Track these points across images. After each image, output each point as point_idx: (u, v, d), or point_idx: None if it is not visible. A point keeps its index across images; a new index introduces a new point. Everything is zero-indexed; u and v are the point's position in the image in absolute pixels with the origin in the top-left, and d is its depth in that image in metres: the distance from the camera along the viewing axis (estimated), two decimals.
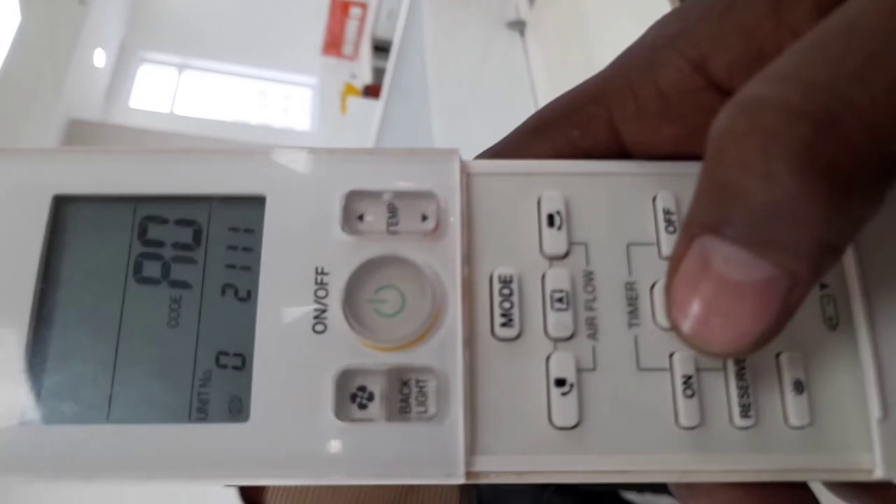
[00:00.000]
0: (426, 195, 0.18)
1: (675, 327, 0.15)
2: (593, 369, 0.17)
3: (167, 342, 0.17)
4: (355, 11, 3.30)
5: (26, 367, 0.16)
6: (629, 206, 0.18)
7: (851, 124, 0.12)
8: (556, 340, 0.17)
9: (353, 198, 0.17)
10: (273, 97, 3.92)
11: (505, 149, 0.19)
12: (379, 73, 2.60)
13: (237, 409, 0.16)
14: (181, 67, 3.89)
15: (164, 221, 0.17)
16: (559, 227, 0.18)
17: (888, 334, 0.17)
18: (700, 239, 0.14)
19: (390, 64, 1.49)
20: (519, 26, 1.31)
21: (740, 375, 0.16)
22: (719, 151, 0.13)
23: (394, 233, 0.17)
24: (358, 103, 2.54)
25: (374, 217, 0.17)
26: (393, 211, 0.18)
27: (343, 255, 0.17)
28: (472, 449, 0.16)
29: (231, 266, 0.17)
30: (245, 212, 0.17)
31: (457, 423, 0.16)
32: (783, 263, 0.13)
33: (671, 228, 0.18)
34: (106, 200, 0.18)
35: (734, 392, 0.16)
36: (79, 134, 3.24)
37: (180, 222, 0.17)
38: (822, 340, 0.17)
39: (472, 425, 0.16)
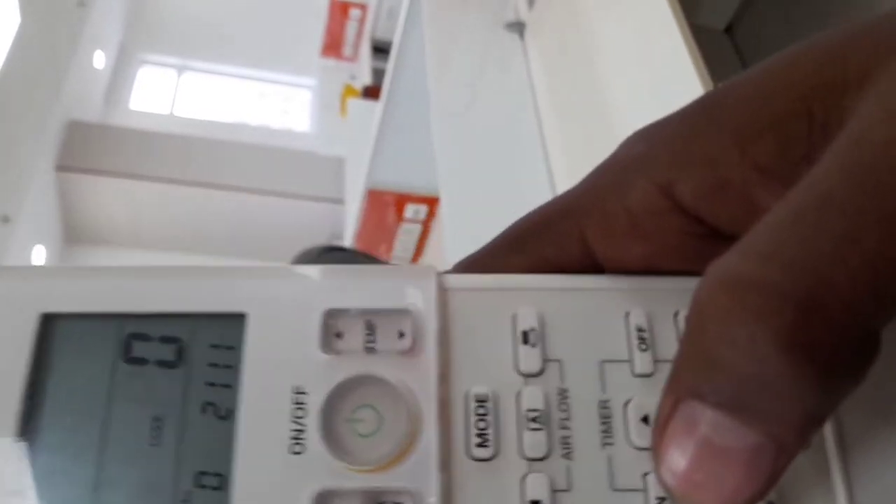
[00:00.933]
0: (403, 312, 0.18)
1: (663, 486, 0.15)
2: (567, 490, 0.17)
3: (148, 462, 0.17)
4: (355, 13, 3.30)
5: (8, 489, 0.17)
6: (602, 322, 0.18)
7: (833, 305, 0.13)
8: (531, 460, 0.17)
9: (330, 316, 0.18)
10: (272, 99, 3.92)
11: (481, 261, 0.19)
12: (378, 75, 2.60)
13: None
14: (181, 69, 3.90)
15: (148, 339, 0.18)
16: (533, 345, 0.18)
17: (857, 454, 0.17)
18: (686, 403, 0.14)
19: (390, 65, 1.49)
20: (518, 28, 1.31)
21: None
22: (703, 321, 0.14)
23: (371, 350, 0.18)
24: (357, 104, 2.54)
25: (352, 335, 0.18)
26: (371, 328, 0.18)
27: (321, 374, 0.17)
28: None
29: (212, 384, 0.17)
30: (226, 329, 0.18)
31: None
32: (770, 433, 0.14)
33: (643, 346, 0.18)
34: (92, 318, 0.18)
35: None
36: (78, 135, 3.24)
37: (164, 339, 0.18)
38: (795, 463, 0.17)
39: None
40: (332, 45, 3.48)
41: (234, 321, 0.18)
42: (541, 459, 0.17)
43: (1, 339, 0.17)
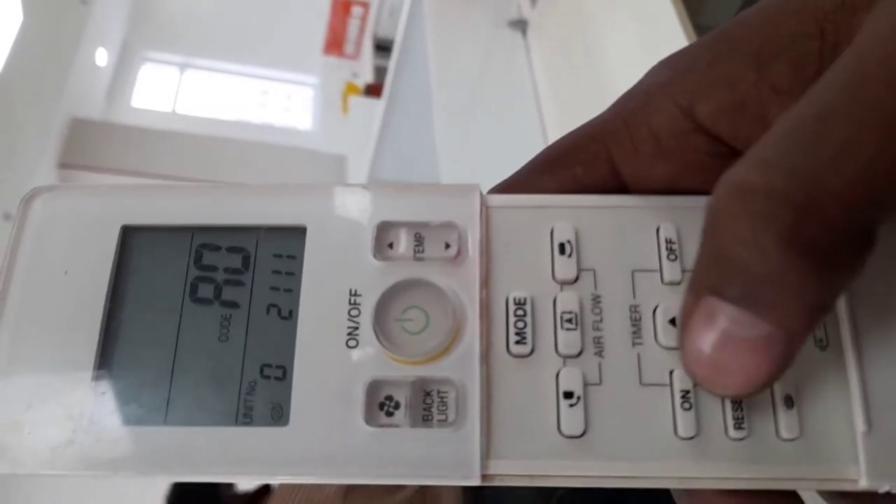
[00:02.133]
0: (449, 225, 0.19)
1: (690, 374, 0.17)
2: (599, 384, 0.18)
3: (218, 355, 0.19)
4: (357, 10, 3.30)
5: (95, 376, 0.18)
6: (634, 236, 0.20)
7: (828, 206, 0.14)
8: (566, 357, 0.19)
9: (383, 228, 0.19)
10: (275, 96, 3.92)
11: (515, 183, 0.21)
12: (381, 72, 2.60)
13: (278, 415, 0.18)
14: (183, 67, 3.90)
15: (217, 248, 0.20)
16: (570, 255, 0.19)
17: (872, 355, 0.18)
18: (706, 299, 0.16)
19: (392, 63, 1.49)
20: (521, 25, 1.31)
21: None
22: (717, 227, 0.15)
23: (420, 259, 0.19)
24: (360, 102, 2.54)
25: (403, 245, 0.19)
26: (419, 240, 0.19)
27: (374, 278, 0.19)
28: (487, 454, 0.18)
29: (275, 288, 0.19)
30: (288, 240, 0.20)
31: (474, 430, 0.18)
32: (780, 322, 0.15)
33: (672, 257, 0.19)
34: (167, 230, 0.20)
35: (729, 406, 0.18)
36: (80, 133, 3.24)
37: (231, 249, 0.20)
38: (812, 360, 0.18)
39: (487, 432, 0.18)
40: (335, 43, 3.48)
41: (295, 233, 0.20)
42: (574, 356, 0.19)
43: (89, 248, 0.19)
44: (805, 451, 0.18)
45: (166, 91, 3.81)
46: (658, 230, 0.19)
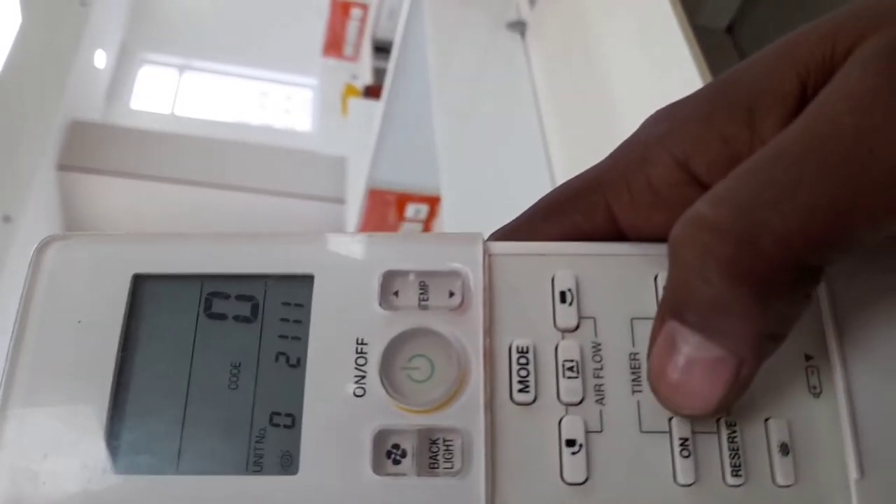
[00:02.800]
0: (453, 274, 0.20)
1: (653, 391, 0.18)
2: (600, 431, 0.19)
3: (228, 403, 0.19)
4: (356, 12, 3.30)
5: (107, 426, 0.19)
6: (632, 283, 0.20)
7: (767, 241, 0.15)
8: (568, 405, 0.19)
9: (388, 277, 0.20)
10: (274, 98, 3.92)
11: (516, 229, 0.21)
12: (380, 74, 2.60)
13: (288, 463, 0.19)
14: (182, 68, 3.90)
15: (227, 297, 0.20)
16: (570, 303, 0.20)
17: (865, 403, 0.19)
18: (668, 322, 0.17)
19: (391, 65, 1.50)
20: (520, 27, 1.31)
21: (732, 438, 0.19)
22: (675, 254, 0.17)
23: (424, 307, 0.20)
24: (359, 104, 2.54)
25: (408, 293, 0.20)
26: (424, 288, 0.20)
27: (380, 327, 0.20)
28: (491, 500, 0.18)
29: (283, 336, 0.20)
30: (296, 289, 0.20)
31: (479, 478, 0.18)
32: (728, 347, 0.17)
33: None
34: (177, 278, 0.20)
35: (726, 453, 0.18)
36: (80, 135, 3.24)
37: (240, 297, 0.20)
38: (806, 407, 0.19)
39: (492, 480, 0.18)
40: (334, 45, 3.48)
41: (303, 281, 0.20)
42: (576, 404, 0.19)
43: (101, 296, 0.20)
44: (800, 497, 0.18)
45: (165, 93, 3.81)
46: (656, 278, 0.20)
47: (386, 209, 1.71)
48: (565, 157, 1.12)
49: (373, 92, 2.55)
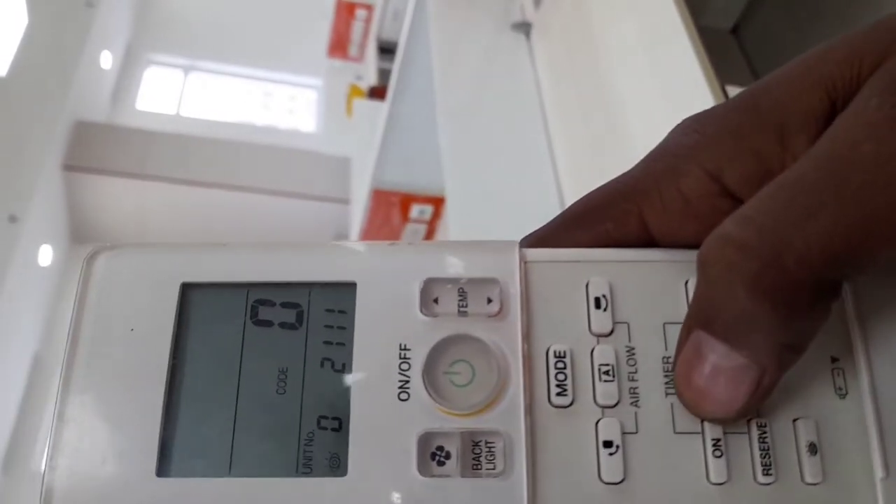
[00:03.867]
0: (491, 281, 0.20)
1: (679, 396, 0.19)
2: (636, 432, 0.19)
3: (277, 407, 0.20)
4: (361, 13, 3.30)
5: (161, 430, 0.19)
6: (665, 289, 0.21)
7: (789, 261, 0.16)
8: (604, 407, 0.20)
9: (429, 284, 0.20)
10: (278, 99, 3.93)
11: (548, 235, 0.22)
12: (384, 75, 2.60)
13: (336, 465, 0.19)
14: (187, 69, 3.90)
15: (272, 304, 0.21)
16: (605, 309, 0.20)
17: (889, 403, 0.19)
18: (695, 332, 0.18)
19: (396, 65, 1.50)
20: (524, 28, 1.31)
21: (762, 438, 0.19)
22: (703, 269, 0.18)
23: (464, 314, 0.20)
24: (363, 105, 2.54)
25: (448, 300, 0.20)
26: (463, 295, 0.20)
27: (422, 333, 0.20)
28: (533, 500, 0.19)
29: (328, 342, 0.20)
30: (339, 296, 0.21)
31: (520, 478, 0.19)
32: (752, 356, 0.18)
33: None
34: (224, 287, 0.21)
35: (757, 452, 0.19)
36: (85, 135, 3.25)
37: (285, 305, 0.21)
38: (833, 408, 0.20)
39: (533, 481, 0.19)
40: (338, 46, 3.49)
41: (346, 289, 0.21)
42: (612, 406, 0.20)
43: (150, 305, 0.20)
44: (828, 495, 0.19)
45: (171, 93, 3.82)
46: (686, 283, 0.21)
47: (390, 210, 1.71)
48: (569, 157, 1.12)
49: (377, 93, 2.55)
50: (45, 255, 3.19)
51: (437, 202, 1.67)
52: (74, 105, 3.22)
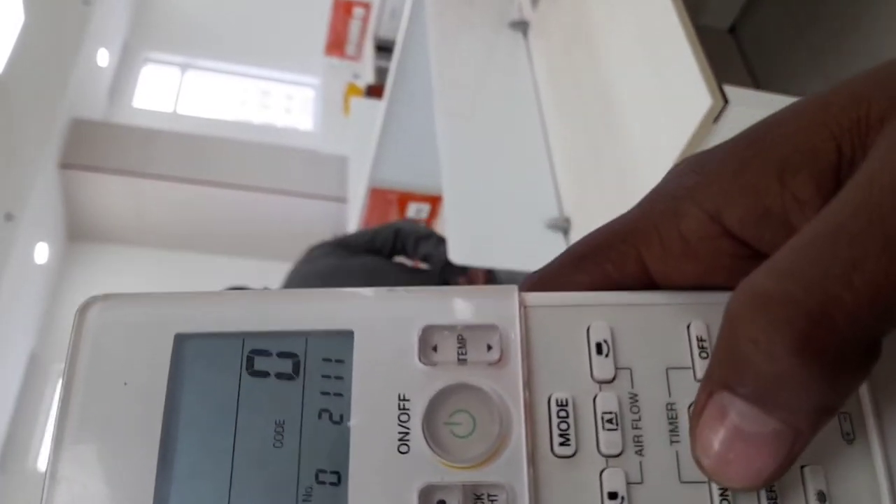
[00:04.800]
0: (490, 327, 0.20)
1: (698, 464, 0.18)
2: (641, 482, 0.19)
3: (274, 462, 0.19)
4: (358, 11, 3.30)
5: (156, 488, 0.19)
6: (666, 333, 0.20)
7: (839, 318, 0.15)
8: (608, 457, 0.19)
9: (427, 331, 0.20)
10: (276, 97, 3.92)
11: (547, 277, 0.22)
12: (382, 73, 2.60)
13: None
14: (184, 67, 3.90)
15: (268, 354, 0.20)
16: (606, 355, 0.20)
17: None
18: (719, 394, 0.17)
19: (393, 64, 1.50)
20: (522, 27, 1.31)
21: (770, 487, 0.19)
22: (734, 328, 0.17)
23: (463, 361, 0.20)
24: (361, 103, 2.54)
25: (446, 348, 0.20)
26: (462, 342, 0.20)
27: (421, 383, 0.20)
28: None
29: (326, 393, 0.20)
30: (336, 345, 0.20)
31: None
32: (787, 421, 0.17)
33: (704, 354, 0.20)
34: (219, 336, 0.20)
35: (765, 502, 0.19)
36: (82, 133, 3.24)
37: (282, 354, 0.20)
38: (840, 454, 0.19)
39: None
40: (336, 44, 3.49)
41: (343, 338, 0.20)
42: (616, 456, 0.19)
43: (144, 356, 0.20)
44: None
45: (168, 91, 3.81)
46: (689, 327, 0.20)
47: (387, 208, 1.71)
48: (566, 155, 1.12)
49: (375, 91, 2.55)
50: (42, 253, 3.19)
51: (435, 201, 1.67)
52: (71, 103, 3.22)
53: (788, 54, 1.17)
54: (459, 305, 0.21)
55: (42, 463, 3.01)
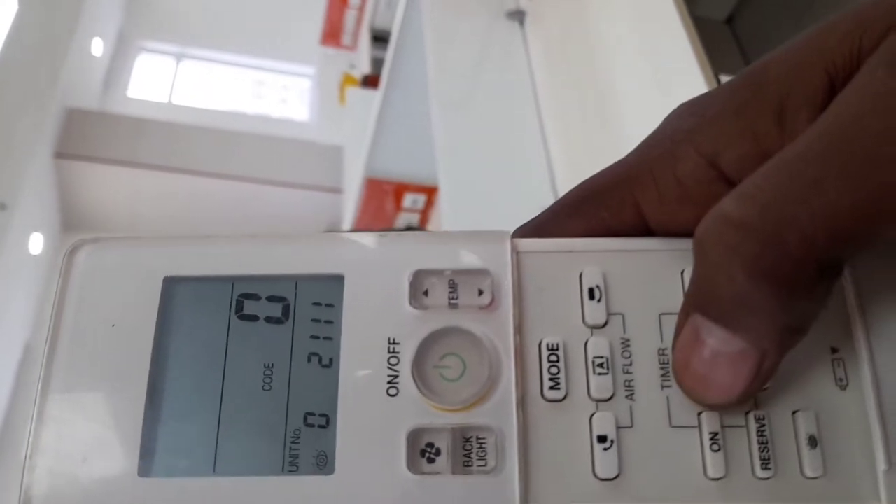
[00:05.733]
0: (482, 272, 0.20)
1: (677, 383, 0.19)
2: (631, 427, 0.19)
3: (262, 404, 0.19)
4: (354, 1, 3.29)
5: (144, 428, 0.19)
6: (660, 279, 0.20)
7: (792, 240, 0.16)
8: (598, 401, 0.19)
9: (418, 276, 0.20)
10: (271, 87, 3.91)
11: (542, 225, 0.21)
12: (378, 64, 2.60)
13: (323, 463, 0.19)
14: (179, 57, 3.88)
15: (258, 298, 0.20)
16: (599, 300, 0.20)
17: (892, 393, 0.19)
18: (693, 316, 0.18)
19: (389, 54, 1.49)
20: (518, 16, 1.31)
21: (761, 432, 0.19)
22: (700, 251, 0.17)
23: (454, 306, 0.20)
24: (357, 94, 2.53)
25: (437, 293, 0.20)
26: (453, 287, 0.20)
27: (411, 327, 0.20)
28: (525, 498, 0.18)
29: (315, 337, 0.20)
30: (326, 289, 0.20)
31: (512, 475, 0.18)
32: (752, 340, 0.17)
33: None
34: (208, 280, 0.20)
35: (755, 446, 0.19)
36: (76, 123, 3.23)
37: (271, 298, 0.20)
38: (833, 400, 0.19)
39: (525, 477, 0.19)
40: (332, 34, 3.47)
41: (334, 282, 0.20)
42: (606, 400, 0.19)
43: (132, 299, 0.20)
44: (829, 488, 0.19)
45: (162, 81, 3.80)
46: (683, 273, 0.20)
47: (383, 199, 1.71)
48: (563, 146, 1.12)
49: (371, 81, 2.55)
50: (36, 244, 3.18)
51: (431, 191, 1.66)
52: (65, 92, 3.20)
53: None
54: (451, 250, 0.20)
55: None
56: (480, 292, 0.20)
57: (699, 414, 0.19)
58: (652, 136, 0.20)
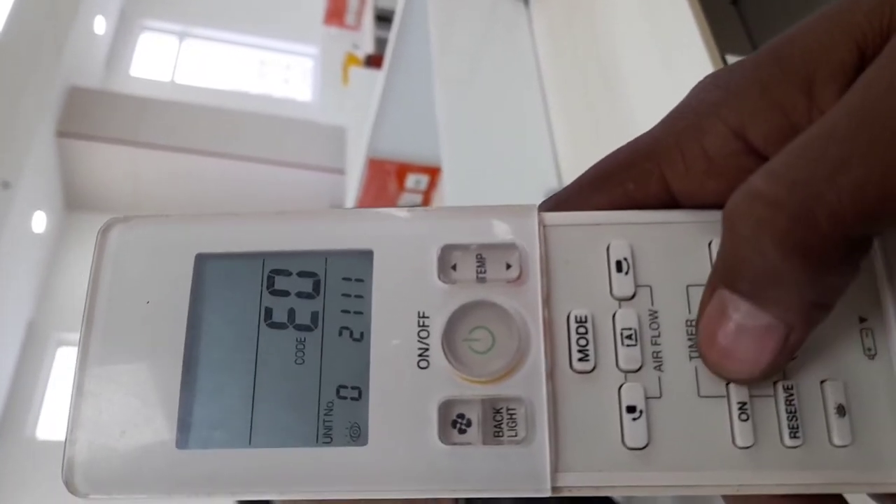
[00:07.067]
0: (509, 246, 0.20)
1: (701, 357, 0.19)
2: (659, 397, 0.19)
3: (295, 377, 0.20)
4: None
5: (180, 402, 0.19)
6: (687, 250, 0.20)
7: (820, 215, 0.16)
8: (627, 372, 0.19)
9: (446, 250, 0.20)
10: (274, 67, 3.90)
11: (568, 198, 0.21)
12: (381, 43, 2.58)
13: (356, 435, 0.19)
14: (182, 36, 3.87)
15: (288, 273, 0.20)
16: (626, 272, 0.20)
17: None
18: (719, 290, 0.18)
19: (393, 34, 1.48)
20: None
21: (789, 401, 0.19)
22: (730, 226, 0.17)
23: (482, 280, 0.20)
24: (360, 73, 2.52)
25: (466, 267, 0.20)
26: (481, 261, 0.20)
27: (441, 300, 0.20)
28: (556, 467, 0.19)
29: (346, 311, 0.20)
30: (356, 264, 0.20)
31: (543, 445, 0.19)
32: (778, 315, 0.17)
33: None
34: (239, 257, 0.21)
35: (784, 416, 0.19)
36: (79, 101, 3.22)
37: (302, 274, 0.20)
38: (861, 369, 0.19)
39: (555, 447, 0.19)
40: (335, 14, 3.46)
41: (363, 257, 0.20)
42: (635, 371, 0.19)
43: (165, 276, 0.20)
44: (857, 457, 0.19)
45: (165, 60, 3.78)
46: (710, 244, 0.20)
47: (386, 179, 1.71)
48: (567, 127, 1.12)
49: (374, 61, 2.53)
50: (39, 222, 3.18)
51: (434, 172, 1.66)
52: (68, 71, 3.19)
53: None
54: (478, 225, 0.21)
55: (41, 432, 3.03)
56: (508, 266, 0.20)
57: (727, 384, 0.19)
58: (677, 108, 0.20)
